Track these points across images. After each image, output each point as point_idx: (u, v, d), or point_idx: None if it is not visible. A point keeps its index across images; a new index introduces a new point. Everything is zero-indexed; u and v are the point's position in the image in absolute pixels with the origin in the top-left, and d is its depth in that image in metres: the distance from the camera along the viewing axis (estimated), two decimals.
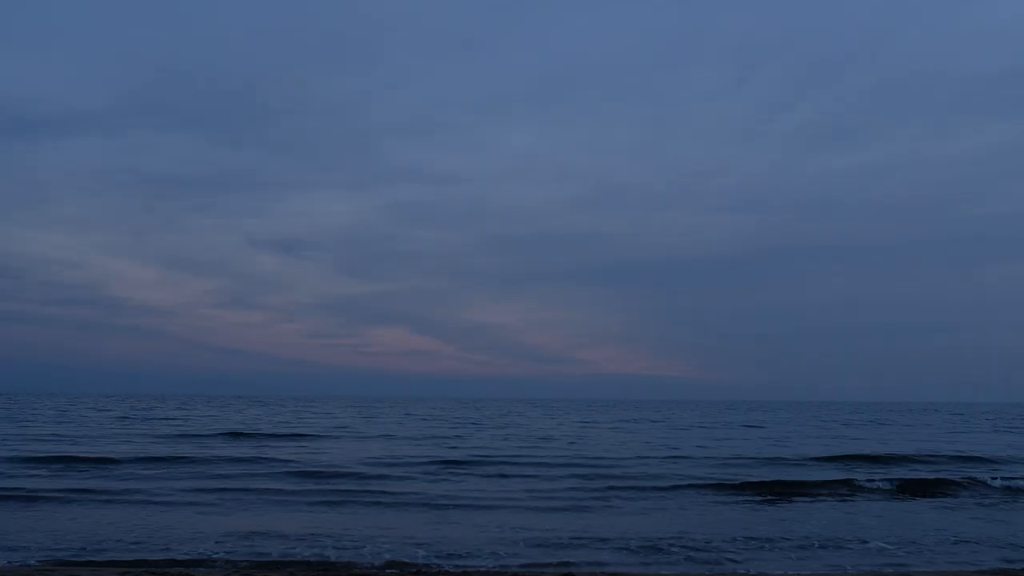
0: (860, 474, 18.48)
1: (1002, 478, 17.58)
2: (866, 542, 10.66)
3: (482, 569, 8.79)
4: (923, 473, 19.01)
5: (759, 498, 14.97)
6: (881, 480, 17.17)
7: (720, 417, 62.12)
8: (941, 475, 18.38)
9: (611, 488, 16.01)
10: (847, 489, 16.30)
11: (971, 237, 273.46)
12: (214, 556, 9.35)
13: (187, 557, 9.28)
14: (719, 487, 16.22)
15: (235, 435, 30.92)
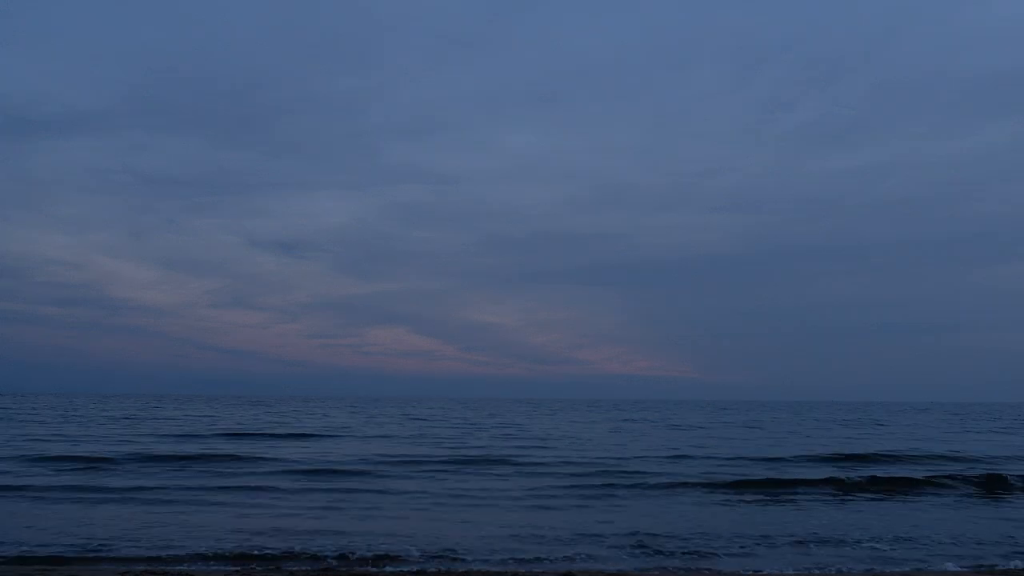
0: (852, 473, 18.59)
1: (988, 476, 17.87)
2: (859, 541, 10.78)
3: (482, 569, 8.89)
4: (916, 472, 19.13)
5: (753, 497, 15.09)
6: (868, 479, 17.34)
7: (719, 417, 62.23)
8: (932, 474, 18.53)
9: (610, 486, 16.12)
10: (835, 488, 16.43)
11: (971, 237, 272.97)
12: (214, 553, 9.46)
13: (187, 553, 9.39)
14: (715, 485, 16.36)
15: (235, 435, 31.03)
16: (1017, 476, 18.08)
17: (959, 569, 9.13)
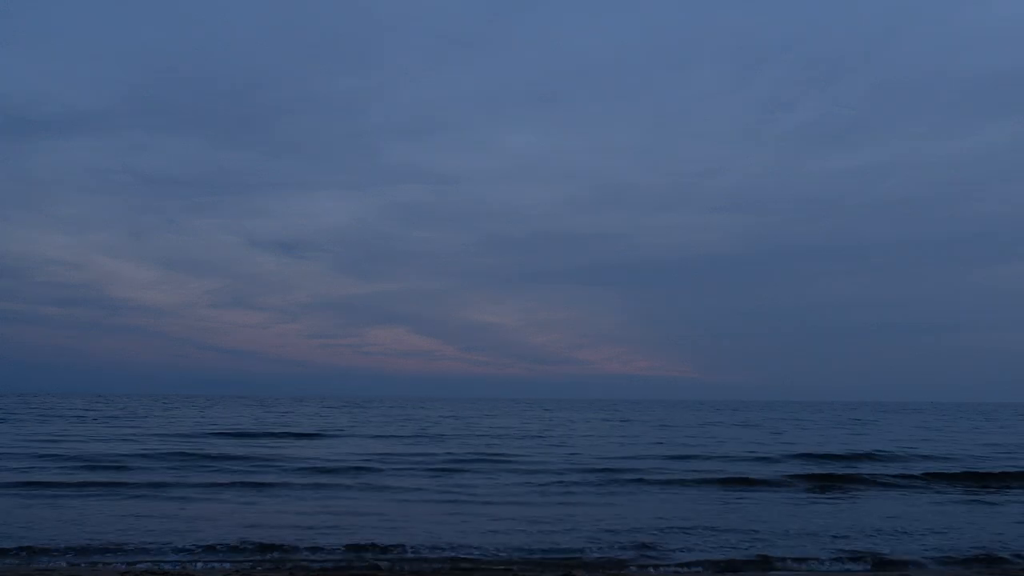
0: (836, 471, 19.01)
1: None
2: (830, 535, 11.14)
3: (481, 567, 9.19)
4: (895, 470, 19.53)
5: (748, 493, 15.47)
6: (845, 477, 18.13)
7: (716, 417, 62.61)
8: (910, 472, 18.98)
9: (606, 483, 16.48)
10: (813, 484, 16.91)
11: (971, 237, 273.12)
12: (219, 548, 9.75)
13: (192, 548, 9.68)
14: (711, 482, 16.76)
15: (236, 435, 31.35)
16: (996, 474, 18.55)
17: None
